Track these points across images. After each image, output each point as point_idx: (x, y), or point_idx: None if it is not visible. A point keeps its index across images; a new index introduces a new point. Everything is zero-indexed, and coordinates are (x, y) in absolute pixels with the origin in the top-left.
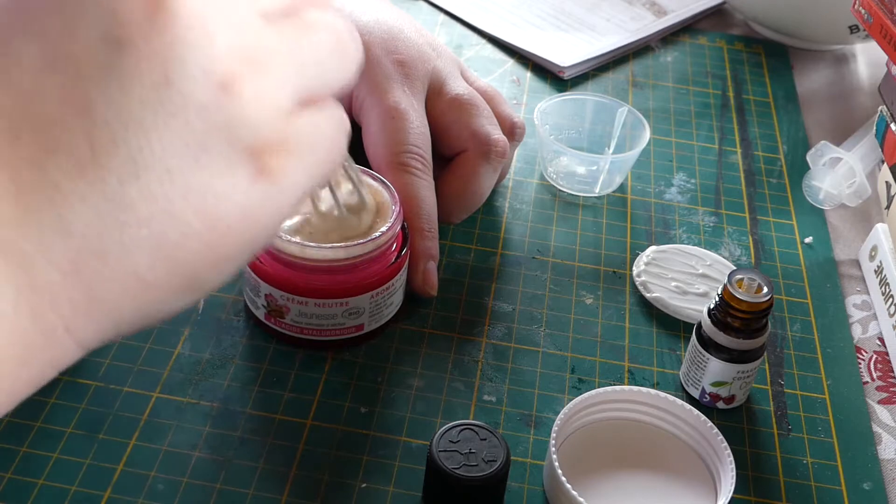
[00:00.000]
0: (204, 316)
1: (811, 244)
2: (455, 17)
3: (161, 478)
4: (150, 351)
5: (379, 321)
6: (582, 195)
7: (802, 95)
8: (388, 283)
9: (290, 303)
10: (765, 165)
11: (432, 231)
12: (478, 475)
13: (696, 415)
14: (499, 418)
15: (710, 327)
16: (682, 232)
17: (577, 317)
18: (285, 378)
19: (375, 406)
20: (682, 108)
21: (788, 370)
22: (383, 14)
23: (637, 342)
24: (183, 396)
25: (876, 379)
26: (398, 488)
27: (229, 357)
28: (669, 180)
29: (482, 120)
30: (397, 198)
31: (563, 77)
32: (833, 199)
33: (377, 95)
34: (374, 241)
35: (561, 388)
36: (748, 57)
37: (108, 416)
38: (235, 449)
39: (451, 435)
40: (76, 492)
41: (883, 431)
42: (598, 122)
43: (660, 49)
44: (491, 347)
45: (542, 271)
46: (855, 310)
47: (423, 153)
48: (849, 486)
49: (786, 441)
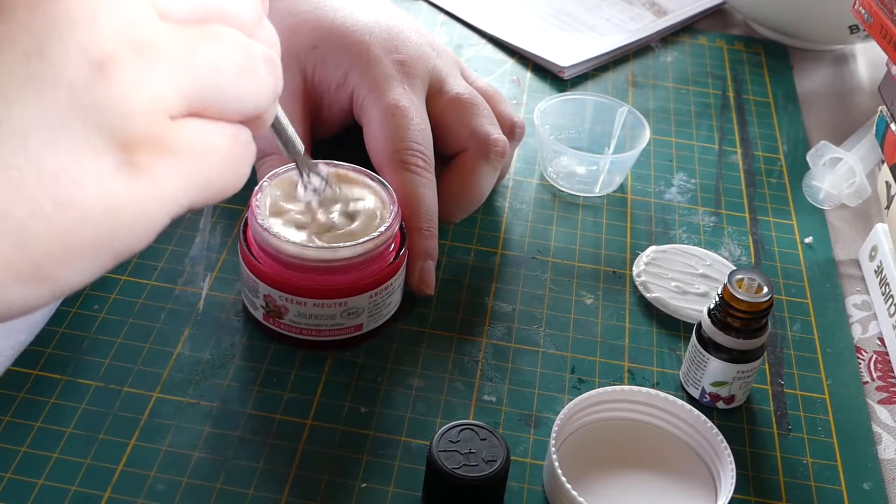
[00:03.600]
0: (204, 316)
1: (811, 244)
2: (455, 17)
3: (161, 478)
4: (150, 351)
5: (378, 321)
6: (582, 195)
7: (802, 95)
8: (387, 282)
9: (288, 303)
10: (765, 165)
11: (431, 230)
12: (478, 475)
13: (696, 415)
14: (499, 418)
15: (710, 327)
16: (682, 232)
17: (577, 317)
18: (285, 378)
19: (375, 406)
20: (682, 108)
21: (788, 370)
22: (383, 14)
23: (637, 342)
24: (183, 396)
25: (876, 379)
26: (398, 488)
27: (229, 357)
28: (669, 180)
29: (482, 119)
30: (395, 197)
31: (563, 77)
32: (833, 199)
33: (377, 94)
34: (373, 240)
35: (561, 388)
36: (748, 57)
37: (108, 416)
38: (235, 449)
39: (451, 435)
40: (76, 492)
41: (883, 431)
42: (598, 122)
43: (660, 49)
44: (491, 347)
45: (542, 271)
46: (855, 310)
47: (425, 150)
48: (849, 486)
49: (786, 441)
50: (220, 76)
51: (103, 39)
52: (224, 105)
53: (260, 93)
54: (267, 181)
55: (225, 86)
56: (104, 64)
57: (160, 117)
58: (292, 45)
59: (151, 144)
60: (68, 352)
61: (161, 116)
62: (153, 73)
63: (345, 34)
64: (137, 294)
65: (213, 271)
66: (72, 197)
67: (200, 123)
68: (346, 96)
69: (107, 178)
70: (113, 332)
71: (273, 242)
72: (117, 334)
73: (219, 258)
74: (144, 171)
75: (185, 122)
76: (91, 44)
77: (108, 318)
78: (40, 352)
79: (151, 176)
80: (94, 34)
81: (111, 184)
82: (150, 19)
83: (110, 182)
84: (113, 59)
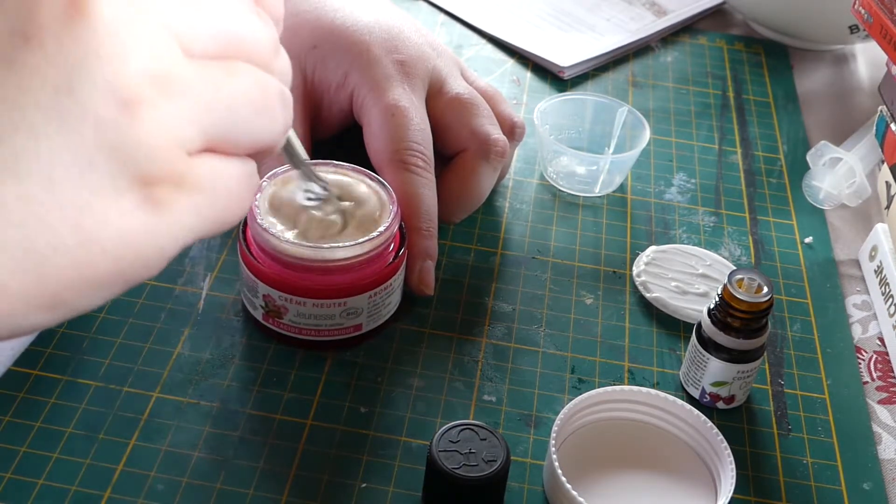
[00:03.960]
0: (204, 316)
1: (811, 244)
2: (455, 17)
3: (161, 478)
4: (150, 351)
5: (377, 321)
6: (582, 195)
7: (802, 95)
8: (386, 282)
9: (288, 303)
10: (765, 165)
11: (430, 230)
12: (478, 475)
13: (696, 415)
14: (499, 418)
15: (710, 327)
16: (682, 232)
17: (577, 317)
18: (285, 378)
19: (375, 406)
20: (682, 108)
21: (788, 370)
22: (383, 14)
23: (637, 342)
24: (183, 396)
25: (876, 379)
26: (398, 488)
27: (229, 357)
28: (669, 180)
29: (482, 120)
30: (395, 197)
31: (563, 77)
32: (833, 199)
33: (377, 94)
34: (372, 240)
35: (561, 388)
36: (748, 57)
37: (108, 416)
38: (235, 449)
39: (451, 435)
40: (76, 492)
41: (883, 431)
42: (598, 122)
43: (660, 49)
44: (491, 347)
45: (542, 271)
46: (855, 310)
47: (425, 150)
48: (849, 486)
49: (786, 441)
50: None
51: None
52: (238, 141)
53: (274, 129)
54: (267, 181)
55: (241, 123)
56: (131, 102)
57: (181, 154)
58: (292, 46)
59: (171, 181)
60: (68, 352)
61: (181, 153)
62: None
63: (345, 34)
64: (137, 294)
65: (213, 271)
66: (94, 232)
67: (215, 159)
68: (346, 96)
69: (129, 215)
70: (113, 332)
71: (272, 242)
72: (117, 334)
73: (219, 258)
74: (163, 207)
75: (201, 157)
76: (118, 81)
77: (108, 318)
78: (40, 352)
79: (169, 211)
80: (121, 72)
81: (132, 220)
82: (175, 55)
83: (130, 217)
84: (140, 98)
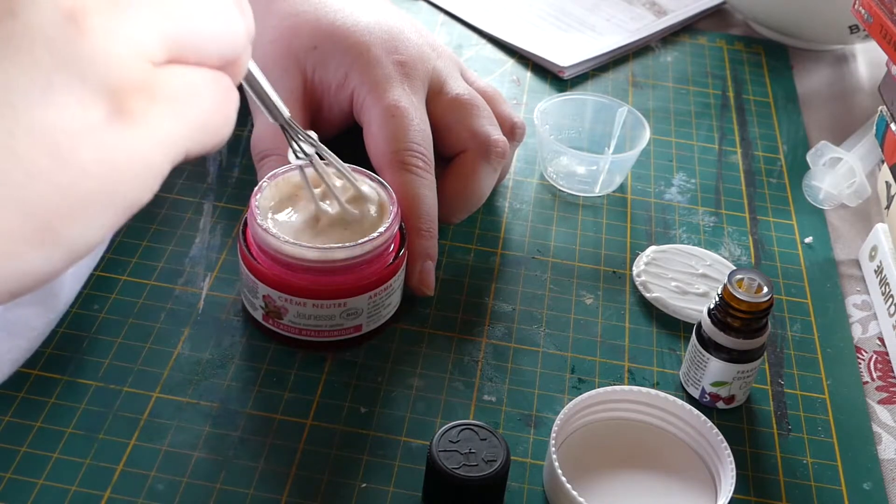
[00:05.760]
0: (204, 316)
1: (811, 244)
2: (455, 17)
3: (161, 478)
4: (150, 351)
5: (377, 322)
6: (582, 195)
7: (802, 95)
8: (386, 283)
9: (287, 304)
10: (765, 165)
11: (430, 231)
12: (478, 475)
13: (696, 415)
14: (499, 418)
15: (710, 327)
16: (682, 232)
17: (577, 317)
18: (285, 378)
19: (375, 406)
20: (682, 108)
21: (788, 370)
22: (383, 14)
23: (637, 342)
24: (183, 396)
25: (876, 379)
26: (398, 488)
27: (229, 357)
28: (669, 180)
29: (482, 120)
30: (395, 198)
31: (563, 77)
32: (833, 199)
33: (377, 94)
34: (372, 241)
35: (561, 388)
36: (748, 57)
37: (108, 416)
38: (235, 449)
39: (451, 435)
40: (76, 492)
41: (883, 431)
42: (598, 122)
43: (660, 49)
44: (491, 347)
45: (542, 271)
46: (855, 310)
47: (425, 151)
48: (849, 486)
49: (786, 441)
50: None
51: None
52: (201, 48)
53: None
54: (267, 181)
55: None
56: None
57: (142, 63)
58: (292, 46)
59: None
60: (68, 352)
61: (142, 62)
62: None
63: (345, 35)
64: (137, 294)
65: (213, 271)
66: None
67: (182, 68)
68: (347, 97)
69: (99, 129)
70: (113, 332)
71: (272, 243)
72: (117, 334)
73: (219, 258)
74: (136, 118)
75: (167, 67)
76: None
77: (108, 318)
78: (40, 352)
79: (144, 122)
80: None
81: (105, 134)
82: None
83: (104, 133)
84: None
